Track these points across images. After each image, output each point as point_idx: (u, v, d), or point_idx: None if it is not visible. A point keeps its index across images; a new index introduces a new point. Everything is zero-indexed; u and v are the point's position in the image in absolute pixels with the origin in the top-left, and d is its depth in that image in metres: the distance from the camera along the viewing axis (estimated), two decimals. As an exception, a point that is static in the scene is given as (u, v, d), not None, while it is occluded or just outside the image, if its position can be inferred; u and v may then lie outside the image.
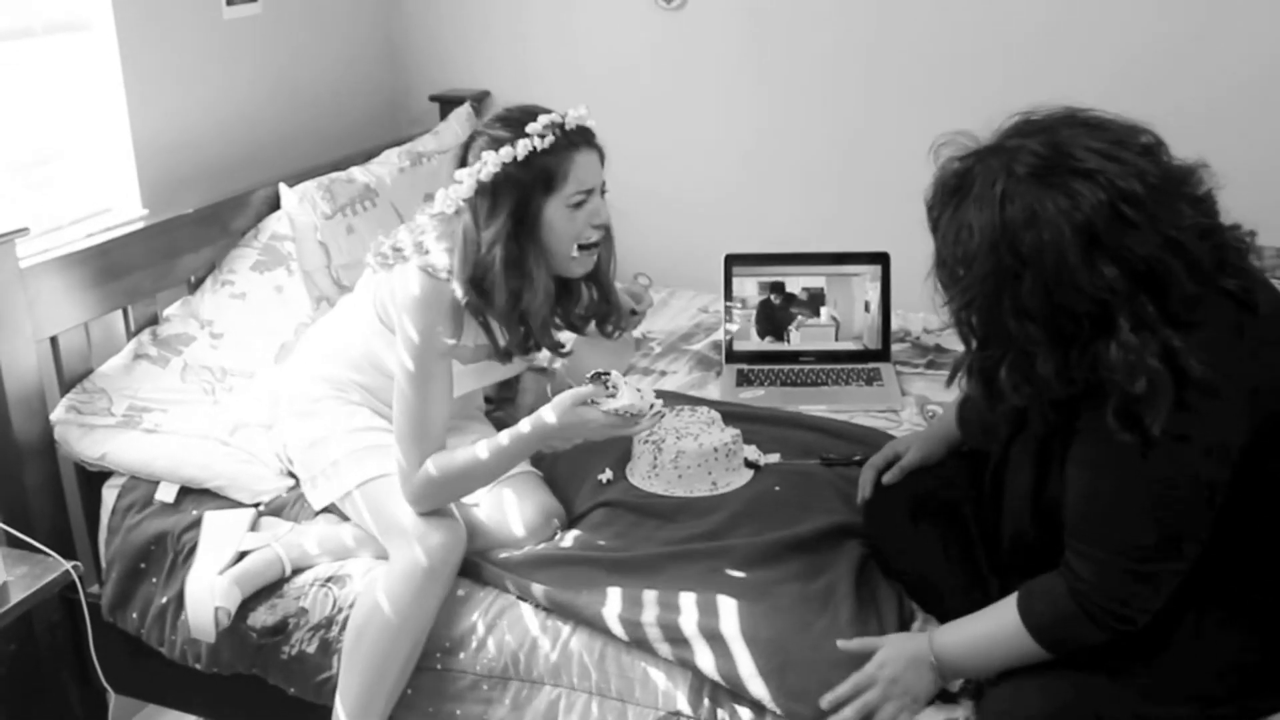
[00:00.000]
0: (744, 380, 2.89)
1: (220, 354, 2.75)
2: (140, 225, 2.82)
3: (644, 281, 2.32)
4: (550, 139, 2.11)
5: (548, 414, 2.11)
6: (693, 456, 2.37)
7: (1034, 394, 1.62)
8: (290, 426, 2.48)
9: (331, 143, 3.52)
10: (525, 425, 2.13)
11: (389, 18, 3.84)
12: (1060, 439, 1.72)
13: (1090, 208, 1.51)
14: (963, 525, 2.08)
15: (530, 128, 2.10)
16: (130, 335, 2.77)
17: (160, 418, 2.57)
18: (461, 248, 2.16)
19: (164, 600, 2.39)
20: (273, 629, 2.27)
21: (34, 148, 2.76)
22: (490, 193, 2.13)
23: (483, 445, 2.16)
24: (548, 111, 2.14)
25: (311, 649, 2.25)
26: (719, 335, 3.10)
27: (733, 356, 2.99)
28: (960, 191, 1.62)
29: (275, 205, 3.08)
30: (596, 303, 2.36)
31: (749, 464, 2.46)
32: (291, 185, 3.07)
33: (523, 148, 2.09)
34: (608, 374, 2.12)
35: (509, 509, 2.33)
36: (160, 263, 2.80)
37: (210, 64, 3.12)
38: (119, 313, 2.75)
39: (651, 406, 2.11)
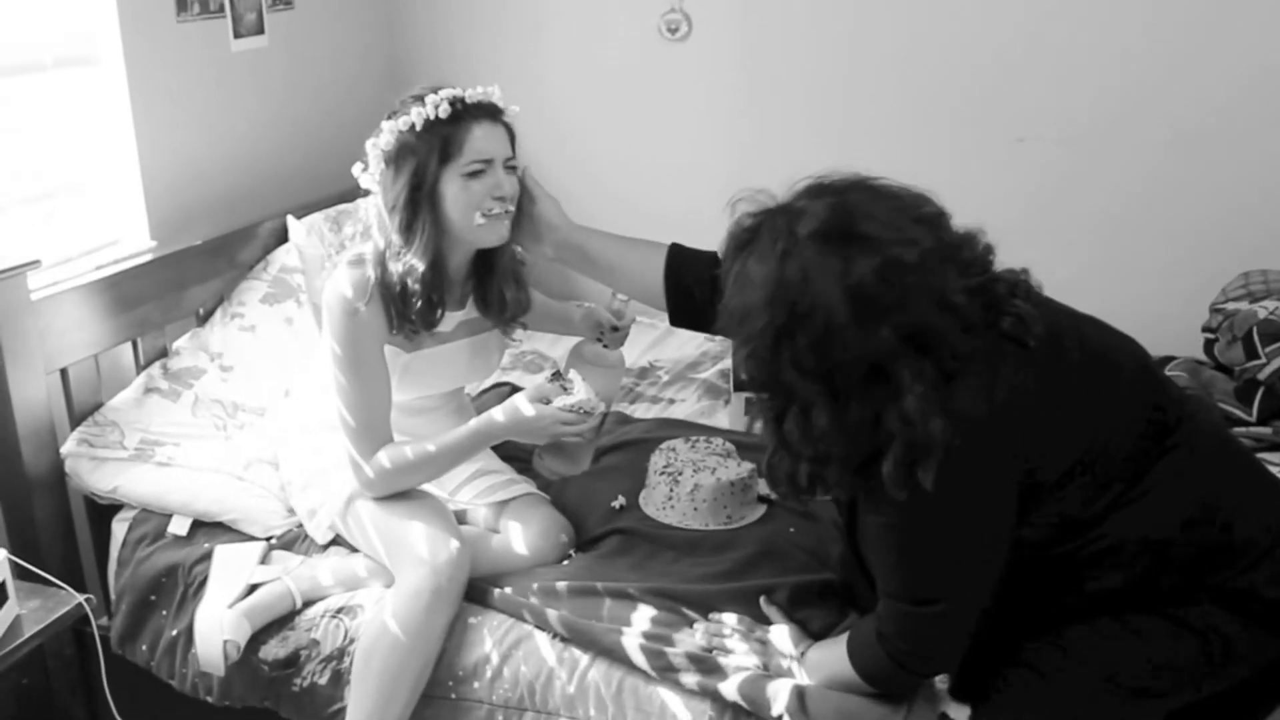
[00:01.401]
0: (753, 408, 2.89)
1: (230, 387, 2.76)
2: (149, 257, 2.84)
3: (623, 298, 2.36)
4: (447, 109, 2.14)
5: (497, 413, 2.18)
6: (709, 491, 2.37)
7: (818, 448, 1.65)
8: (289, 464, 2.49)
9: (339, 175, 3.51)
10: (474, 422, 2.20)
11: (394, 49, 3.87)
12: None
13: (861, 273, 1.55)
14: None
15: (429, 99, 2.15)
16: (139, 367, 2.78)
17: (173, 451, 2.58)
18: (372, 214, 2.24)
19: (174, 633, 2.39)
20: (284, 661, 2.26)
21: (44, 181, 2.78)
22: (393, 161, 2.18)
23: (433, 440, 2.23)
24: (454, 88, 2.18)
25: (323, 680, 2.24)
26: (726, 363, 3.10)
27: (740, 385, 2.99)
28: (748, 246, 1.66)
29: (283, 237, 3.10)
30: (509, 286, 2.37)
31: (761, 498, 2.46)
32: (299, 217, 3.09)
33: (418, 115, 2.14)
34: (566, 373, 2.17)
35: (516, 530, 2.34)
36: (169, 295, 2.81)
37: (218, 97, 3.13)
38: (128, 345, 2.76)
39: (598, 408, 2.17)
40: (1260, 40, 3.01)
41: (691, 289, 2.13)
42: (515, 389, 2.97)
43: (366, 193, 2.30)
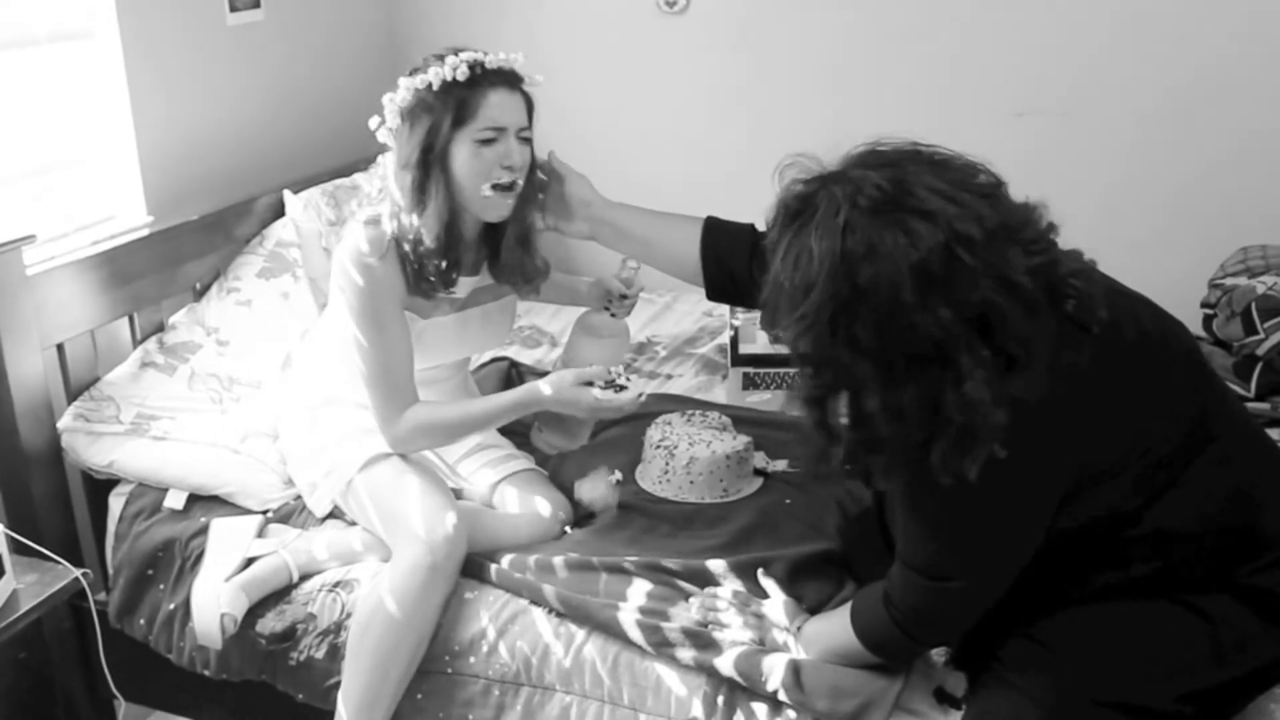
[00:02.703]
0: (750, 384, 2.90)
1: (227, 361, 2.75)
2: (145, 232, 2.84)
3: (632, 265, 2.35)
4: (465, 72, 2.13)
5: (544, 385, 2.18)
6: (705, 464, 2.37)
7: (863, 431, 1.60)
8: (289, 437, 2.49)
9: (335, 149, 3.52)
10: (519, 391, 2.20)
11: (392, 23, 3.85)
12: None
13: (927, 248, 1.50)
14: None
15: (448, 59, 2.14)
16: (136, 342, 2.77)
17: (169, 425, 2.57)
18: (390, 171, 2.23)
19: (171, 606, 2.39)
20: (281, 635, 2.27)
21: (39, 155, 2.76)
22: (408, 118, 2.18)
23: (473, 402, 2.27)
24: (476, 51, 2.17)
25: (320, 654, 2.24)
26: (724, 339, 3.10)
27: (738, 360, 3.00)
28: (802, 216, 1.60)
29: (280, 212, 3.09)
30: (516, 252, 2.35)
31: (758, 471, 2.46)
32: (296, 192, 3.08)
33: (435, 75, 2.13)
34: (626, 377, 2.18)
35: (514, 505, 2.35)
36: (165, 270, 2.80)
37: (214, 71, 3.12)
38: (124, 320, 2.75)
39: (640, 395, 2.18)
40: (1262, 12, 2.99)
41: (728, 262, 2.10)
42: (514, 364, 2.98)
43: (377, 154, 2.29)
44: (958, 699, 1.89)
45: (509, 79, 2.19)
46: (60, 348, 2.57)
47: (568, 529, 2.36)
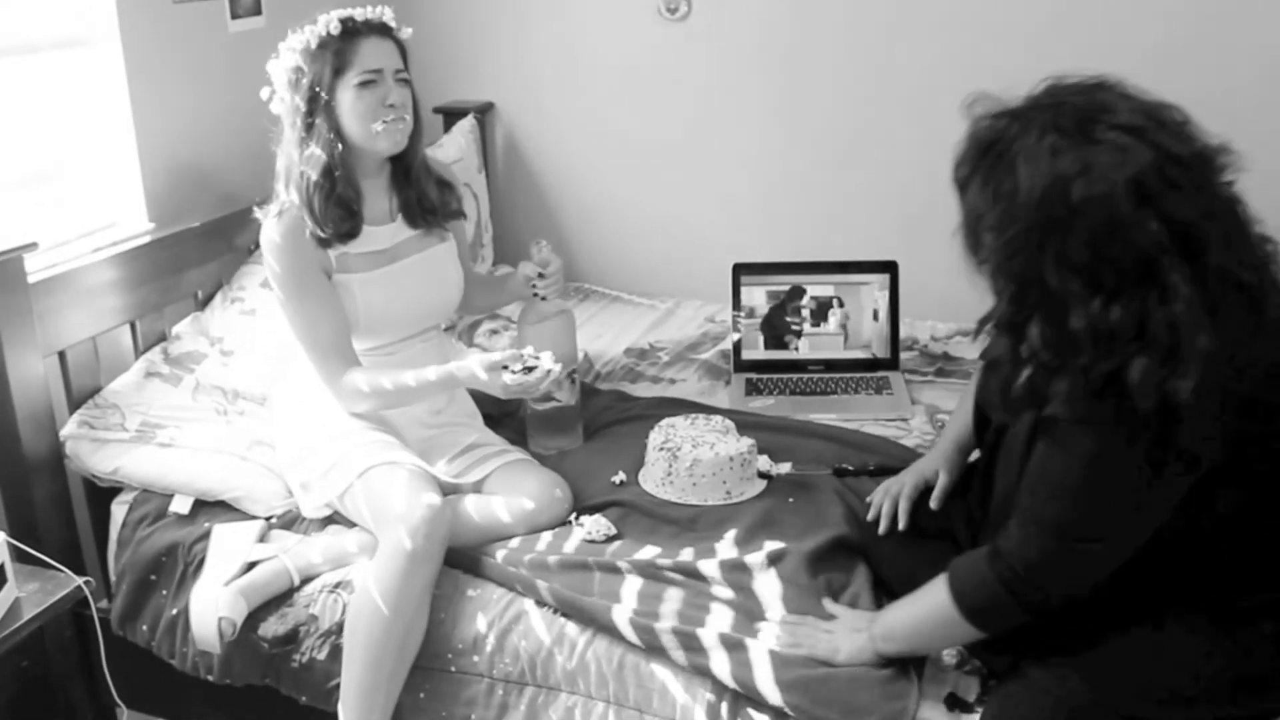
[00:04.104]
0: (753, 389, 2.89)
1: (231, 372, 2.75)
2: (147, 240, 2.83)
3: (543, 243, 2.55)
4: (338, 26, 2.33)
5: (458, 370, 2.28)
6: (708, 465, 2.36)
7: (1064, 354, 1.59)
8: (281, 439, 2.50)
9: (336, 156, 3.51)
10: (454, 368, 2.29)
11: (392, 31, 3.84)
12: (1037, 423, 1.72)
13: (1138, 164, 1.52)
14: (955, 541, 2.08)
15: (321, 18, 2.33)
16: (138, 350, 2.77)
17: (174, 433, 2.57)
18: (283, 141, 2.41)
19: (174, 612, 2.38)
20: (284, 638, 2.26)
21: (40, 163, 2.76)
22: (292, 82, 2.36)
23: (411, 374, 2.34)
24: (345, 9, 2.36)
25: (322, 655, 2.24)
26: (727, 344, 3.10)
27: (741, 365, 2.99)
28: (998, 145, 1.61)
29: (282, 219, 3.08)
30: (419, 184, 2.51)
31: (761, 474, 2.45)
32: (298, 199, 3.07)
33: (311, 34, 2.33)
34: (536, 356, 2.25)
35: (512, 492, 2.36)
36: (167, 277, 2.81)
37: (215, 77, 3.11)
38: (126, 327, 2.75)
39: (549, 373, 2.23)
40: (1261, 12, 2.98)
41: None
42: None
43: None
44: (970, 704, 1.88)
45: (379, 28, 2.38)
46: (62, 355, 2.57)
47: (573, 518, 2.34)
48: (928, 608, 1.85)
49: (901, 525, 2.15)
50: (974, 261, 1.68)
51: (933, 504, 2.15)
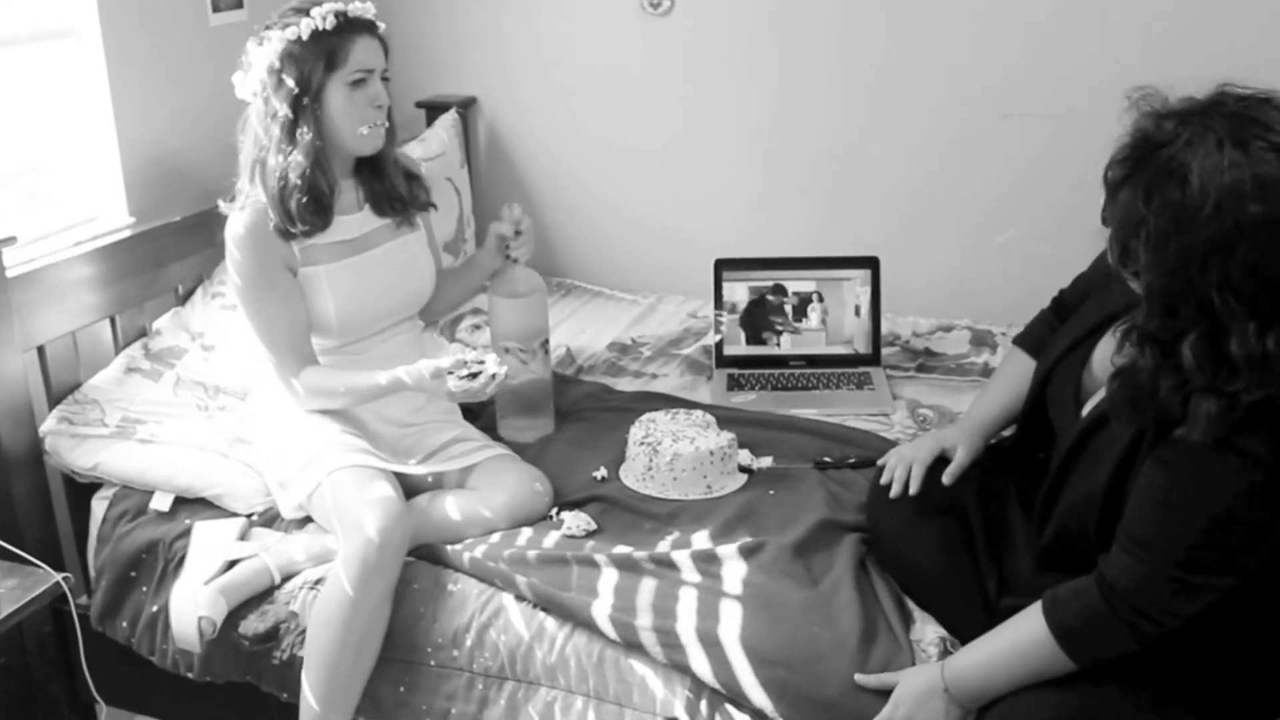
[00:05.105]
0: (735, 385, 2.89)
1: (212, 367, 2.74)
2: (127, 234, 2.82)
3: (514, 204, 2.61)
4: (333, 21, 2.29)
5: (405, 375, 2.26)
6: (688, 460, 2.36)
7: (1214, 377, 1.54)
8: (258, 436, 2.50)
9: (318, 151, 3.50)
10: (403, 373, 2.27)
11: (374, 25, 3.83)
12: (1153, 438, 1.66)
13: None
14: (963, 521, 2.08)
15: (314, 11, 2.29)
16: (118, 345, 2.76)
17: (155, 428, 2.56)
18: (250, 131, 2.37)
19: (154, 609, 2.38)
20: (264, 636, 2.26)
21: (20, 156, 2.75)
22: (276, 71, 2.31)
23: (364, 376, 2.33)
24: (334, 2, 2.32)
25: (302, 652, 2.23)
26: (709, 340, 3.10)
27: (723, 361, 2.99)
28: (1166, 150, 1.56)
29: (263, 213, 3.07)
30: (391, 176, 2.51)
31: (742, 469, 2.45)
32: (279, 193, 3.06)
33: (305, 26, 2.28)
34: (480, 361, 2.25)
35: (490, 487, 2.35)
36: (147, 272, 2.80)
37: (196, 71, 3.10)
38: (106, 322, 2.74)
39: (494, 376, 2.23)
40: (1261, 13, 2.99)
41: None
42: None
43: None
44: None
45: (370, 26, 2.36)
46: (41, 350, 2.56)
47: (554, 513, 2.34)
48: (1013, 643, 1.77)
49: (913, 490, 2.13)
50: (1123, 270, 1.64)
51: (946, 479, 2.13)
